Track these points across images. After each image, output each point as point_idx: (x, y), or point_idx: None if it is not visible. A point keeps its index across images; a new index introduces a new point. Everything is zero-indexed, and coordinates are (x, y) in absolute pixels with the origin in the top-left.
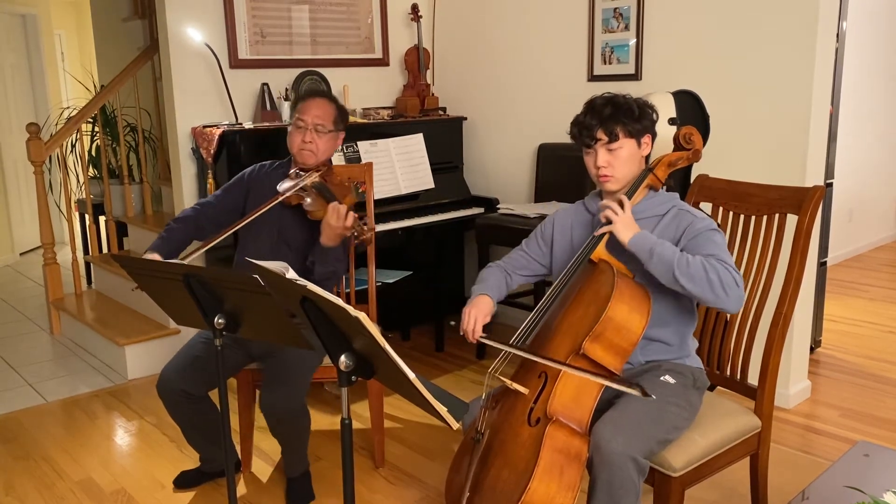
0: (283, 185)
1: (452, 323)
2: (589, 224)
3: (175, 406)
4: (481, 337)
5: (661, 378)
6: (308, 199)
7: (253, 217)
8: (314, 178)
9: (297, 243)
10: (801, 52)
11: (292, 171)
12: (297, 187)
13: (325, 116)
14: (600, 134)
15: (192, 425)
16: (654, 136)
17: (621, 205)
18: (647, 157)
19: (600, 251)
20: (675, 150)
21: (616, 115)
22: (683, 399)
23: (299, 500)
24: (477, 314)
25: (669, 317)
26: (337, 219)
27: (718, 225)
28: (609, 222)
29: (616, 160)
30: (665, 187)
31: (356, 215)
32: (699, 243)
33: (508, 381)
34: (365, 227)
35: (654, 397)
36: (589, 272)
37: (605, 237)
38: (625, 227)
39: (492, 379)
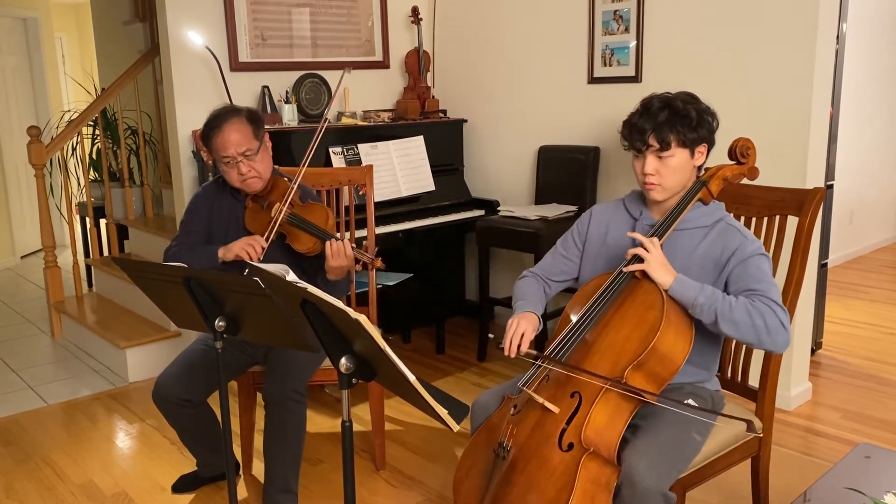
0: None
1: (492, 336)
2: (629, 227)
3: (173, 413)
4: (524, 355)
5: (685, 402)
6: (291, 238)
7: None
8: (283, 213)
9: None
10: (802, 53)
11: (248, 201)
12: (271, 231)
13: (245, 139)
14: (652, 140)
15: (189, 431)
16: (710, 145)
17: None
18: (700, 167)
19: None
20: (731, 164)
21: (671, 122)
22: (703, 425)
23: None
24: (526, 327)
25: (698, 340)
26: (337, 258)
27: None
28: (640, 260)
29: (665, 169)
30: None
31: (354, 245)
32: (748, 270)
33: (538, 397)
34: (368, 255)
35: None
36: (632, 288)
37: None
38: (660, 267)
39: (520, 391)
